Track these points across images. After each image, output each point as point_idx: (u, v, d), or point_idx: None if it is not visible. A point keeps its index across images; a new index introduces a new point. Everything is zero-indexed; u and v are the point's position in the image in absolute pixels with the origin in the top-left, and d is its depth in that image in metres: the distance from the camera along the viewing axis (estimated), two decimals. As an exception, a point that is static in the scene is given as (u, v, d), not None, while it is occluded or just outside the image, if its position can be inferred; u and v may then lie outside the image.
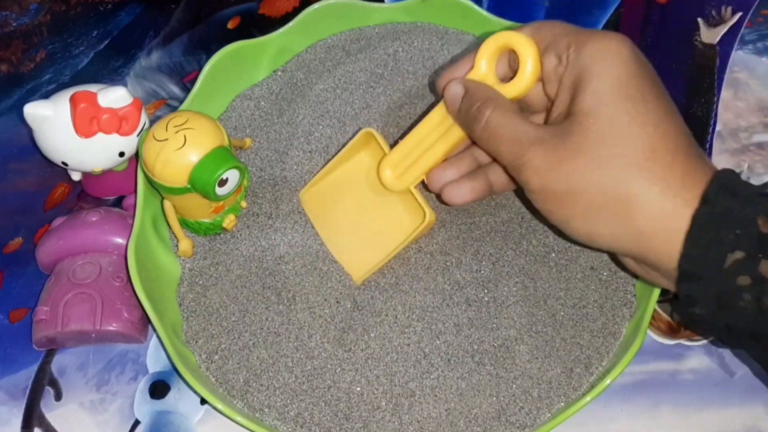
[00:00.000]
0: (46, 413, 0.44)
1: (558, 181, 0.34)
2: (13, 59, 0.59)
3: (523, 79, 0.38)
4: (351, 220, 0.46)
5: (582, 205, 0.34)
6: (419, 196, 0.43)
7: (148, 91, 0.57)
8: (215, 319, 0.44)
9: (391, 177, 0.43)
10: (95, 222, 0.46)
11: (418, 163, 0.42)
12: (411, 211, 0.44)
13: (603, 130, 0.33)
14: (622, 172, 0.33)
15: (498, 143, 0.37)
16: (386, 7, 0.54)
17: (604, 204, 0.33)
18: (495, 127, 0.37)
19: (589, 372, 0.41)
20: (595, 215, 0.34)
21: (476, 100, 0.38)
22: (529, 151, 0.35)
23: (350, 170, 0.46)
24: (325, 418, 0.40)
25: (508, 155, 0.36)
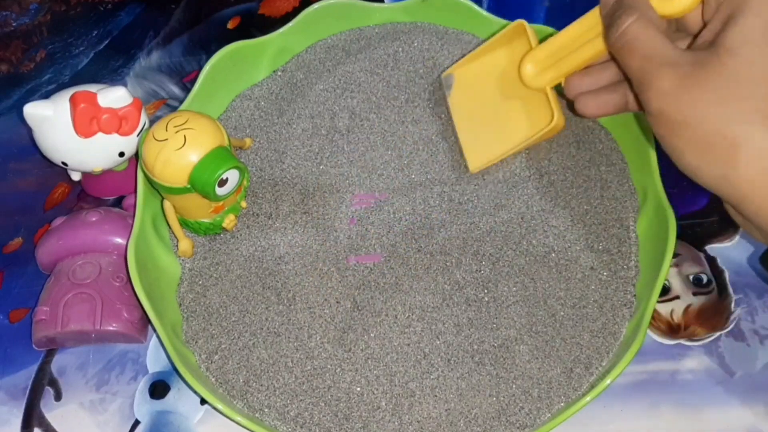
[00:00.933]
0: (46, 413, 0.44)
1: (678, 109, 0.33)
2: (13, 59, 0.59)
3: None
4: (483, 108, 0.45)
5: (695, 138, 0.33)
6: (552, 98, 0.42)
7: (148, 91, 0.57)
8: (215, 319, 0.44)
9: (531, 72, 0.42)
10: (95, 222, 0.46)
11: (561, 63, 0.41)
12: (541, 111, 0.43)
13: (739, 70, 0.32)
14: (743, 117, 0.31)
15: (630, 56, 0.35)
16: (386, 7, 0.54)
17: (716, 142, 0.32)
18: (631, 38, 0.35)
19: (589, 372, 0.41)
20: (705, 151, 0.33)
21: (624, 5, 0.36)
22: (659, 72, 0.33)
23: (495, 59, 0.45)
24: (325, 418, 0.40)
25: (636, 71, 0.35)
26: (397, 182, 0.48)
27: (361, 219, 0.47)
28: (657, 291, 0.41)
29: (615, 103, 0.40)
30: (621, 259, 0.44)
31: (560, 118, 0.41)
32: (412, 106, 0.50)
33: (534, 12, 0.59)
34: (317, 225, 0.46)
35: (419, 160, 0.49)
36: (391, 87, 0.51)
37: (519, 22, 0.43)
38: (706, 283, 0.46)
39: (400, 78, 0.51)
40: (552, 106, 0.42)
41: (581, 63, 0.41)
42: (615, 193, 0.46)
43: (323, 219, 0.47)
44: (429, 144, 0.49)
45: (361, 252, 0.46)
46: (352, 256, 0.46)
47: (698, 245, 0.48)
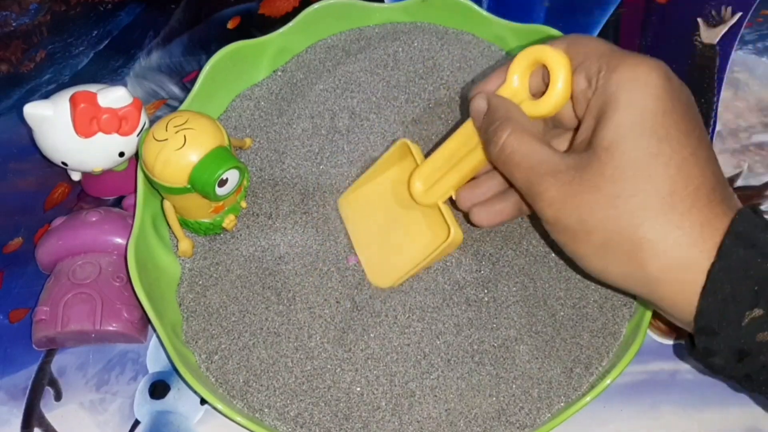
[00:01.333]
0: (46, 413, 0.44)
1: (572, 215, 0.33)
2: (13, 59, 0.59)
3: (552, 98, 0.36)
4: (381, 230, 0.45)
5: (595, 242, 0.33)
6: (447, 213, 0.42)
7: (148, 91, 0.57)
8: (215, 319, 0.44)
9: (421, 190, 0.42)
10: (95, 222, 0.46)
11: (448, 177, 0.41)
12: (439, 226, 0.43)
13: (621, 168, 0.32)
14: (637, 215, 0.31)
15: (513, 169, 0.35)
16: (386, 7, 0.54)
17: (617, 244, 0.32)
18: (510, 151, 0.35)
19: (589, 372, 0.41)
20: (607, 254, 0.32)
21: (495, 120, 0.36)
22: (544, 182, 0.33)
23: (385, 180, 0.46)
24: (325, 418, 0.40)
25: (522, 182, 0.35)
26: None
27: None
28: (657, 291, 0.41)
29: (508, 211, 0.41)
30: (621, 259, 0.44)
31: (457, 233, 0.41)
32: (412, 106, 0.50)
33: (534, 12, 0.59)
34: (317, 225, 0.46)
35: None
36: (391, 87, 0.51)
37: (402, 142, 0.43)
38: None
39: (400, 78, 0.51)
40: (447, 221, 0.41)
41: (467, 174, 0.41)
42: (615, 193, 0.46)
43: (323, 219, 0.47)
44: (429, 144, 0.49)
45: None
46: (352, 256, 0.46)
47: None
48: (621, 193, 0.32)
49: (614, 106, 0.32)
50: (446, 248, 0.42)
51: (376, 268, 0.45)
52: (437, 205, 0.42)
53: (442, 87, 0.51)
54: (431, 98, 0.51)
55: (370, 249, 0.45)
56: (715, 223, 0.31)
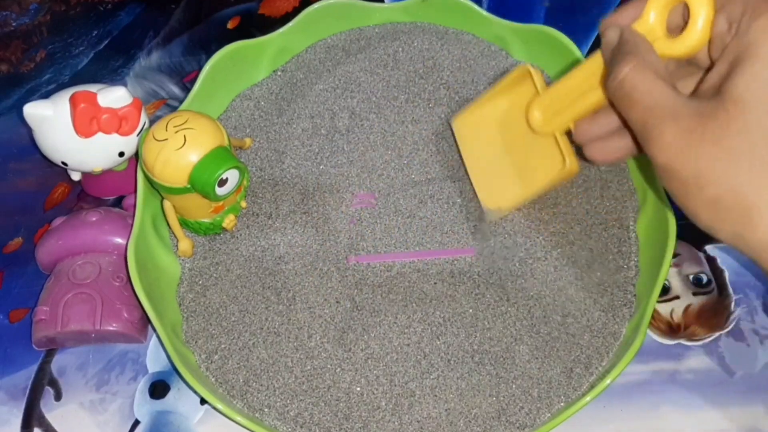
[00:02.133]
0: (46, 413, 0.44)
1: (686, 165, 0.31)
2: (13, 59, 0.59)
3: (689, 38, 0.34)
4: (495, 154, 0.45)
5: (707, 197, 0.31)
6: (563, 143, 0.41)
7: (148, 91, 0.57)
8: (215, 319, 0.44)
9: (539, 119, 0.41)
10: (95, 222, 0.46)
11: (568, 109, 0.40)
12: (553, 156, 0.42)
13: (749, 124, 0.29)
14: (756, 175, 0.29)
15: (629, 105, 0.33)
16: (386, 7, 0.54)
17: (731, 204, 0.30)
18: (629, 87, 0.33)
19: (589, 372, 0.41)
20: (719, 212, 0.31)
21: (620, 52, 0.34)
22: (660, 125, 0.31)
23: (503, 105, 0.45)
24: (325, 418, 0.40)
25: (637, 123, 0.33)
26: (397, 182, 0.48)
27: (361, 219, 0.47)
28: (657, 291, 0.41)
29: (625, 150, 0.38)
30: (621, 259, 0.44)
31: (572, 163, 0.40)
32: (412, 106, 0.50)
33: (534, 12, 0.59)
34: (317, 225, 0.46)
35: (419, 160, 0.49)
36: (391, 87, 0.51)
37: (523, 67, 0.42)
38: (706, 283, 0.46)
39: (400, 78, 0.51)
40: (563, 151, 0.40)
41: (588, 109, 0.39)
42: (615, 193, 0.46)
43: (323, 219, 0.47)
44: (429, 144, 0.49)
45: (361, 252, 0.46)
46: (352, 256, 0.46)
47: (698, 245, 0.48)
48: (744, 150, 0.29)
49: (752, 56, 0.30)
50: (560, 179, 0.41)
51: (488, 190, 0.44)
52: (554, 135, 0.41)
53: (442, 87, 0.51)
54: (431, 98, 0.51)
55: (482, 171, 0.45)
56: None
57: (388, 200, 0.47)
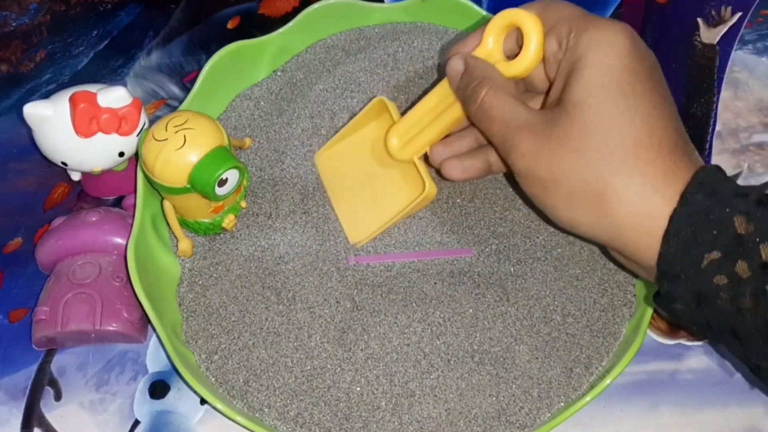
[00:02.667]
0: (46, 413, 0.44)
1: (542, 168, 0.35)
2: (12, 59, 0.59)
3: (525, 58, 0.38)
4: (358, 185, 0.47)
5: (564, 193, 0.34)
6: (422, 168, 0.43)
7: (147, 91, 0.57)
8: (215, 319, 0.44)
9: (397, 146, 0.44)
10: (95, 222, 0.46)
11: (423, 134, 0.43)
12: (413, 182, 0.44)
13: (588, 122, 0.33)
14: (603, 165, 0.33)
15: (490, 124, 0.37)
16: (386, 7, 0.54)
17: (584, 195, 0.34)
18: (488, 107, 0.37)
19: (589, 372, 0.41)
20: (575, 204, 0.34)
21: (474, 79, 0.38)
22: (517, 136, 0.35)
23: (362, 137, 0.47)
24: (325, 418, 0.40)
25: (498, 137, 0.37)
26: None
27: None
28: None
29: (477, 168, 0.42)
30: (621, 259, 0.44)
31: (431, 187, 0.43)
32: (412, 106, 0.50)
33: (534, 12, 0.59)
34: (317, 225, 0.46)
35: (419, 160, 0.49)
36: (391, 87, 0.51)
37: (378, 99, 0.45)
38: (706, 283, 0.46)
39: (400, 78, 0.51)
40: (422, 176, 0.43)
41: (442, 131, 0.42)
42: (615, 193, 0.46)
43: (323, 219, 0.47)
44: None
45: (360, 252, 0.46)
46: (352, 256, 0.46)
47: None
48: (588, 145, 0.33)
49: (582, 65, 0.34)
50: (421, 202, 0.43)
51: (352, 223, 0.46)
52: (413, 160, 0.44)
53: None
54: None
55: (346, 204, 0.46)
56: (678, 173, 0.33)
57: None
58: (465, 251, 0.45)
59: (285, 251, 0.46)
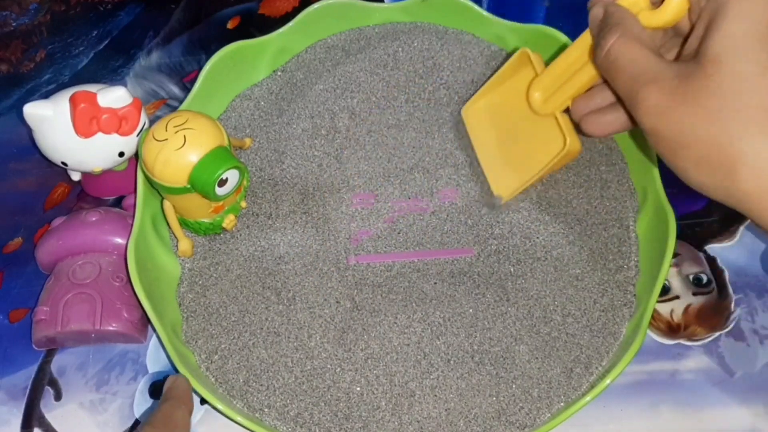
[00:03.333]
0: (46, 413, 0.44)
1: (670, 127, 0.32)
2: (12, 59, 0.59)
3: (670, 7, 0.35)
4: (503, 139, 0.45)
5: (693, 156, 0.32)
6: (564, 123, 0.42)
7: (147, 91, 0.57)
8: (215, 319, 0.44)
9: (540, 99, 0.43)
10: (95, 222, 0.46)
11: (565, 87, 0.41)
12: (555, 136, 0.43)
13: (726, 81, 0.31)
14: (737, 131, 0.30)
15: (615, 74, 0.35)
16: (386, 7, 0.54)
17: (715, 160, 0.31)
18: (615, 56, 0.34)
19: (589, 372, 0.41)
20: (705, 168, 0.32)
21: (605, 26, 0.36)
22: (644, 89, 0.33)
23: (507, 90, 0.46)
24: (325, 418, 0.40)
25: (624, 90, 0.34)
26: (397, 182, 0.48)
27: (361, 219, 0.47)
28: (657, 291, 0.41)
29: (618, 123, 0.39)
30: (621, 259, 0.44)
31: (573, 142, 0.41)
32: (412, 106, 0.50)
33: (534, 12, 0.59)
34: (317, 225, 0.46)
35: (419, 160, 0.49)
36: (391, 87, 0.51)
37: (522, 51, 0.43)
38: (706, 283, 0.46)
39: (400, 78, 0.51)
40: (563, 130, 0.41)
41: (583, 85, 0.40)
42: (615, 193, 0.46)
43: (323, 219, 0.47)
44: (429, 144, 0.49)
45: (360, 252, 0.46)
46: (352, 256, 0.46)
47: (698, 245, 0.48)
48: (723, 107, 0.31)
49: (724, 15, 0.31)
50: (563, 158, 0.42)
51: (498, 177, 0.45)
52: (554, 114, 0.42)
53: (442, 87, 0.51)
54: (431, 98, 0.51)
55: (492, 159, 0.45)
56: None
57: (388, 200, 0.47)
58: (465, 251, 0.45)
59: (285, 251, 0.45)
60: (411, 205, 0.47)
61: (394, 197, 0.47)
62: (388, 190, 0.48)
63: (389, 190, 0.48)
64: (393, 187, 0.48)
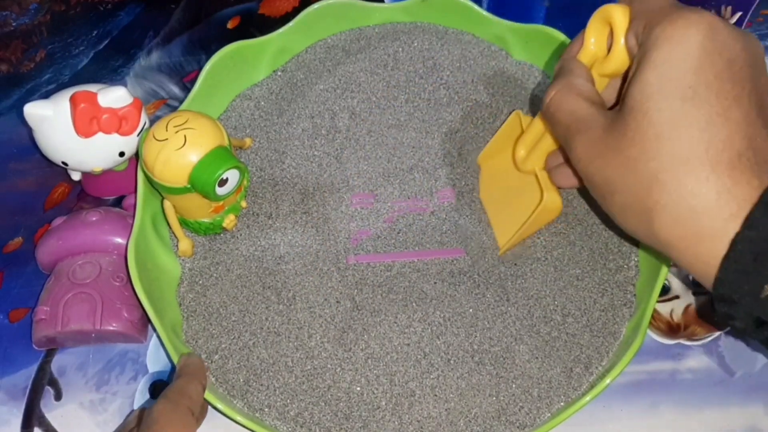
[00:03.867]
0: (46, 413, 0.44)
1: (597, 174, 0.33)
2: (12, 59, 0.59)
3: (613, 57, 0.36)
4: (502, 195, 0.46)
5: (618, 202, 0.32)
6: (542, 178, 0.42)
7: (148, 91, 0.57)
8: (215, 318, 0.44)
9: (522, 156, 0.44)
10: (95, 222, 0.46)
11: (541, 144, 0.42)
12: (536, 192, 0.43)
13: (642, 130, 0.31)
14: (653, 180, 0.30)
15: (553, 125, 0.36)
16: (386, 7, 0.54)
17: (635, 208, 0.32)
18: (554, 108, 0.35)
19: (589, 372, 0.41)
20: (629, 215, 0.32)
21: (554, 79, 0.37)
22: (574, 139, 0.34)
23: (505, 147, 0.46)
24: (325, 418, 0.40)
25: (560, 139, 0.35)
26: (397, 182, 0.48)
27: (361, 219, 0.47)
28: (657, 291, 0.41)
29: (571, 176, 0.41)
30: (621, 259, 0.44)
31: (551, 198, 0.42)
32: (412, 106, 0.50)
33: (534, 12, 0.59)
34: (317, 225, 0.46)
35: (419, 160, 0.49)
36: (391, 87, 0.51)
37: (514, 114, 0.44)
38: (706, 283, 0.46)
39: (400, 78, 0.51)
40: (541, 186, 0.42)
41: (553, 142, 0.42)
42: (615, 193, 0.46)
43: (323, 219, 0.47)
44: (429, 144, 0.49)
45: (360, 252, 0.46)
46: (352, 256, 0.46)
47: (698, 245, 0.48)
48: (640, 156, 0.31)
49: (644, 64, 0.31)
50: (541, 213, 0.42)
51: (499, 229, 0.46)
52: (534, 171, 0.43)
53: (442, 87, 0.51)
54: (431, 98, 0.51)
55: (494, 212, 0.46)
56: (735, 191, 0.29)
57: (388, 200, 0.47)
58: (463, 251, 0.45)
59: (285, 251, 0.46)
60: (411, 204, 0.47)
61: (393, 197, 0.47)
62: (387, 190, 0.48)
63: (389, 190, 0.48)
64: (393, 187, 0.48)
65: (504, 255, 0.45)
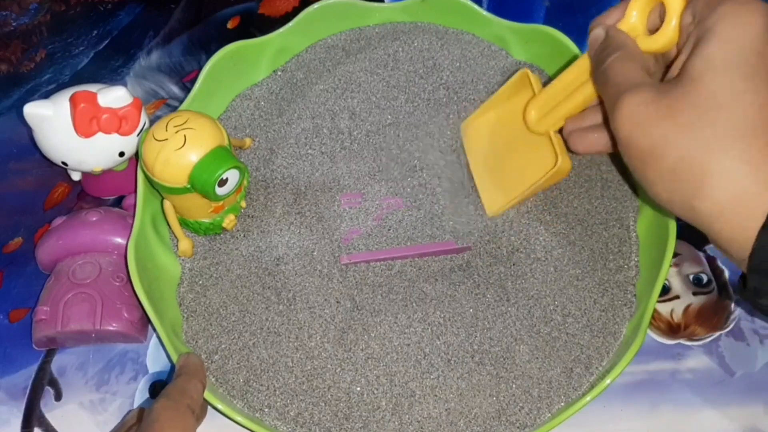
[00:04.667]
0: (46, 413, 0.44)
1: (644, 136, 0.33)
2: (12, 59, 0.59)
3: (666, 33, 0.36)
4: (498, 155, 0.47)
5: (663, 168, 0.32)
6: (556, 142, 0.43)
7: (148, 91, 0.57)
8: (215, 319, 0.44)
9: (535, 118, 0.44)
10: (95, 222, 0.46)
11: (559, 108, 0.42)
12: (547, 154, 0.44)
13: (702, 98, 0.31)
14: (707, 145, 0.31)
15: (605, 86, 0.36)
16: (386, 7, 0.54)
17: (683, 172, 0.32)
18: (609, 71, 0.36)
19: (589, 372, 0.41)
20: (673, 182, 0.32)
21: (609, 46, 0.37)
22: (624, 98, 0.34)
23: (505, 110, 0.47)
24: (325, 418, 0.40)
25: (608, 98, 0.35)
26: (397, 182, 0.48)
27: (361, 219, 0.47)
28: (657, 291, 0.41)
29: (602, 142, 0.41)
30: (621, 259, 0.44)
31: (564, 161, 0.42)
32: (412, 106, 0.50)
33: (534, 12, 0.59)
34: (317, 225, 0.46)
35: (419, 160, 0.49)
36: (391, 87, 0.51)
37: (522, 71, 0.44)
38: (706, 283, 0.46)
39: (400, 78, 0.51)
40: (555, 149, 0.43)
41: (577, 106, 0.42)
42: (615, 193, 0.46)
43: (323, 219, 0.47)
44: (429, 144, 0.49)
45: (353, 251, 0.46)
46: (345, 256, 0.45)
47: (698, 245, 0.48)
48: (696, 121, 0.31)
49: (708, 38, 0.32)
50: (553, 176, 0.43)
51: (489, 194, 0.46)
52: (548, 133, 0.43)
53: (442, 87, 0.51)
54: (431, 98, 0.51)
55: (485, 175, 0.47)
56: None
57: (388, 200, 0.47)
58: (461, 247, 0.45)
59: (285, 251, 0.46)
60: (411, 204, 0.47)
61: (394, 197, 0.47)
62: (388, 190, 0.48)
63: (389, 190, 0.48)
64: (393, 186, 0.48)
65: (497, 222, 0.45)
